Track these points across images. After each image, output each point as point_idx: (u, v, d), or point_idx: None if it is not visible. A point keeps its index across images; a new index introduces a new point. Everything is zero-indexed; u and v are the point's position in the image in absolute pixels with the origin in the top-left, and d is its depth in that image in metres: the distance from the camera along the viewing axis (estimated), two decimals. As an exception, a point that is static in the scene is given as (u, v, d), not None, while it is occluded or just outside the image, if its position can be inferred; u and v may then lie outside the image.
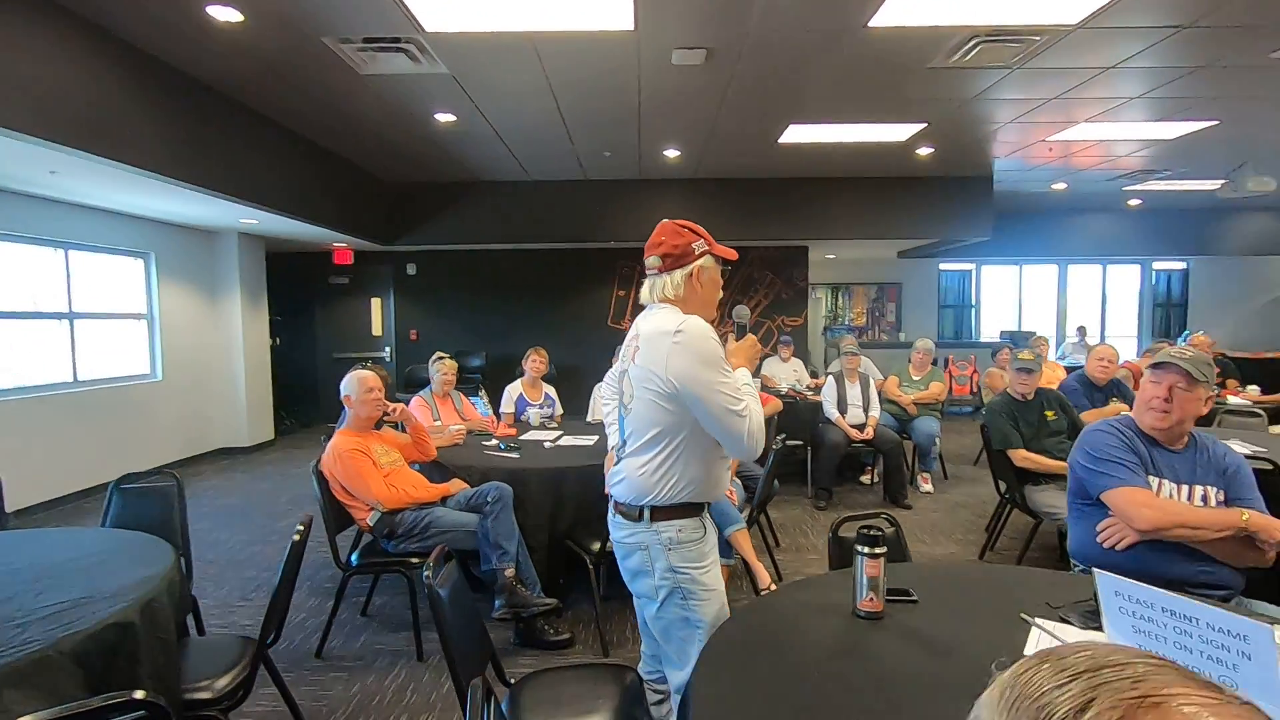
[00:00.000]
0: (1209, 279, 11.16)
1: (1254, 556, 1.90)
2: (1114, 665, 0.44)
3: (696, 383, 1.57)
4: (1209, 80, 4.49)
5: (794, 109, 5.11)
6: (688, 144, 6.06)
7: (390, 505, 2.92)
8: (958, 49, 3.97)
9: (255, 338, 7.49)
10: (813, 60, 4.13)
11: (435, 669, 2.83)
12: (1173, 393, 1.97)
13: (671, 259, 1.72)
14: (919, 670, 1.35)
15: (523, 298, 9.09)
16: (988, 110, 5.15)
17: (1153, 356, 5.43)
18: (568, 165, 6.84)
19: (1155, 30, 3.73)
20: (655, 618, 1.66)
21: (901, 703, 1.23)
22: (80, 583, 1.85)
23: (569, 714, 1.75)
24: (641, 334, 1.68)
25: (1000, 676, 0.49)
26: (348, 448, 2.94)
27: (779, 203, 7.61)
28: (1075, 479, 2.17)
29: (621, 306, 9.17)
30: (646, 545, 1.65)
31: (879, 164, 6.84)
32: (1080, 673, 0.44)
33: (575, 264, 8.98)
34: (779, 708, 1.22)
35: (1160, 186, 8.03)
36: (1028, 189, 8.32)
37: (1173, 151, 6.39)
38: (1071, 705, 0.42)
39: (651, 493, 1.63)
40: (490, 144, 5.99)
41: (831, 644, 1.47)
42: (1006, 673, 0.48)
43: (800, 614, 1.60)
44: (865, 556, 1.56)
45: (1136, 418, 2.08)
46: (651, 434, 1.63)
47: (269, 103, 4.93)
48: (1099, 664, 0.44)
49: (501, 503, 2.95)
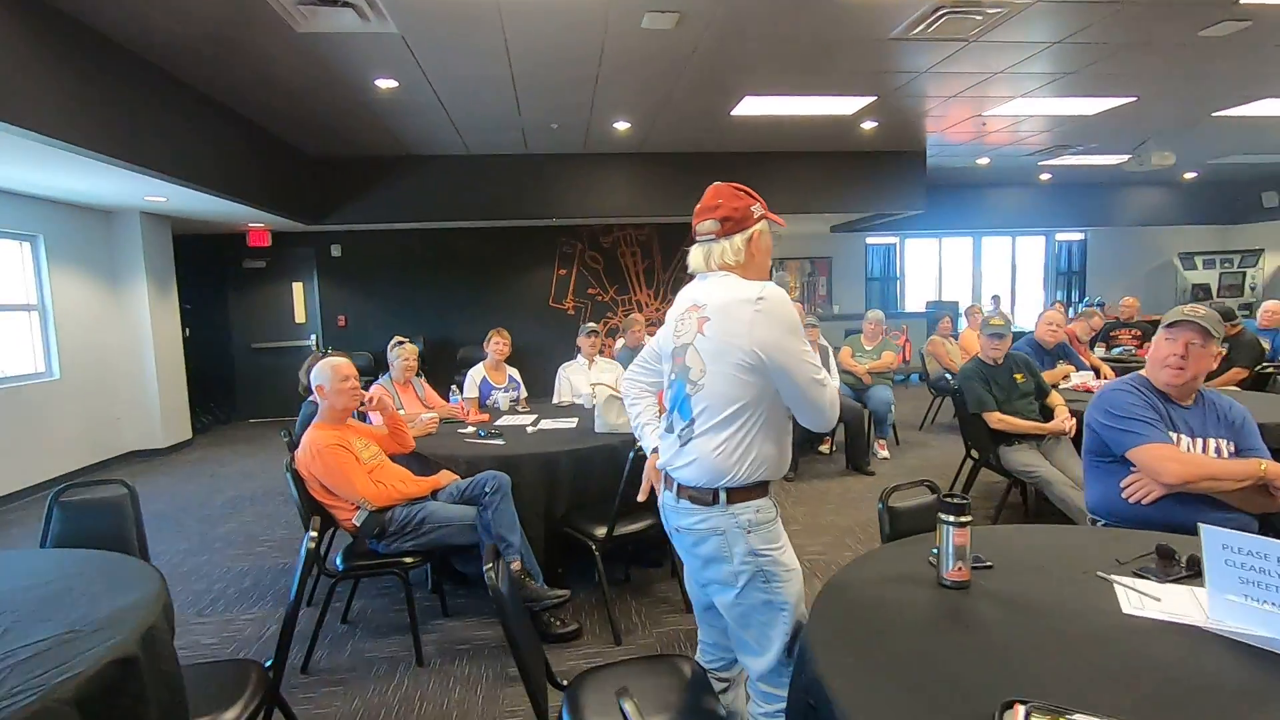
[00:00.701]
0: (1104, 248, 12.05)
1: (1265, 502, 2.01)
2: None
3: (784, 352, 1.48)
4: (1136, 57, 4.74)
5: (752, 79, 5.05)
6: (640, 116, 5.90)
7: (379, 503, 2.69)
8: (924, 19, 4.00)
9: (166, 329, 6.82)
10: (782, 26, 4.07)
11: (439, 673, 2.65)
12: (1188, 349, 2.05)
13: (732, 223, 1.61)
14: (1033, 636, 1.32)
15: (459, 279, 8.71)
16: (937, 84, 5.27)
17: (1087, 320, 5.61)
18: (511, 138, 6.54)
19: (1103, 6, 3.88)
20: (733, 604, 1.57)
21: (1026, 670, 1.19)
22: (54, 615, 1.57)
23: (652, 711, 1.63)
24: (711, 304, 1.56)
25: None
26: (327, 443, 2.67)
27: (724, 178, 7.49)
28: (1095, 437, 2.23)
29: (563, 286, 8.96)
30: (723, 530, 1.55)
31: (823, 138, 6.91)
32: None
33: (514, 242, 8.67)
34: (918, 687, 1.16)
35: (1071, 161, 8.54)
36: (953, 164, 8.67)
37: (1090, 126, 6.77)
38: None
39: (729, 473, 1.53)
40: (431, 114, 5.63)
41: (933, 616, 1.43)
42: None
43: (884, 589, 1.54)
44: (953, 526, 1.52)
45: (1151, 376, 2.15)
46: (730, 410, 1.52)
47: (183, 62, 4.41)
48: None
49: (501, 492, 2.78)
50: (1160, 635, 1.31)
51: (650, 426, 1.82)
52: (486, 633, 2.95)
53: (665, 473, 1.67)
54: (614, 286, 9.07)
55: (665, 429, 1.69)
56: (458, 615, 3.11)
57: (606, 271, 9.03)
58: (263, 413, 8.60)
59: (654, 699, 1.68)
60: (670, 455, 1.64)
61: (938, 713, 1.09)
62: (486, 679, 2.60)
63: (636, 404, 1.88)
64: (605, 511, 3.07)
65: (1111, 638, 1.31)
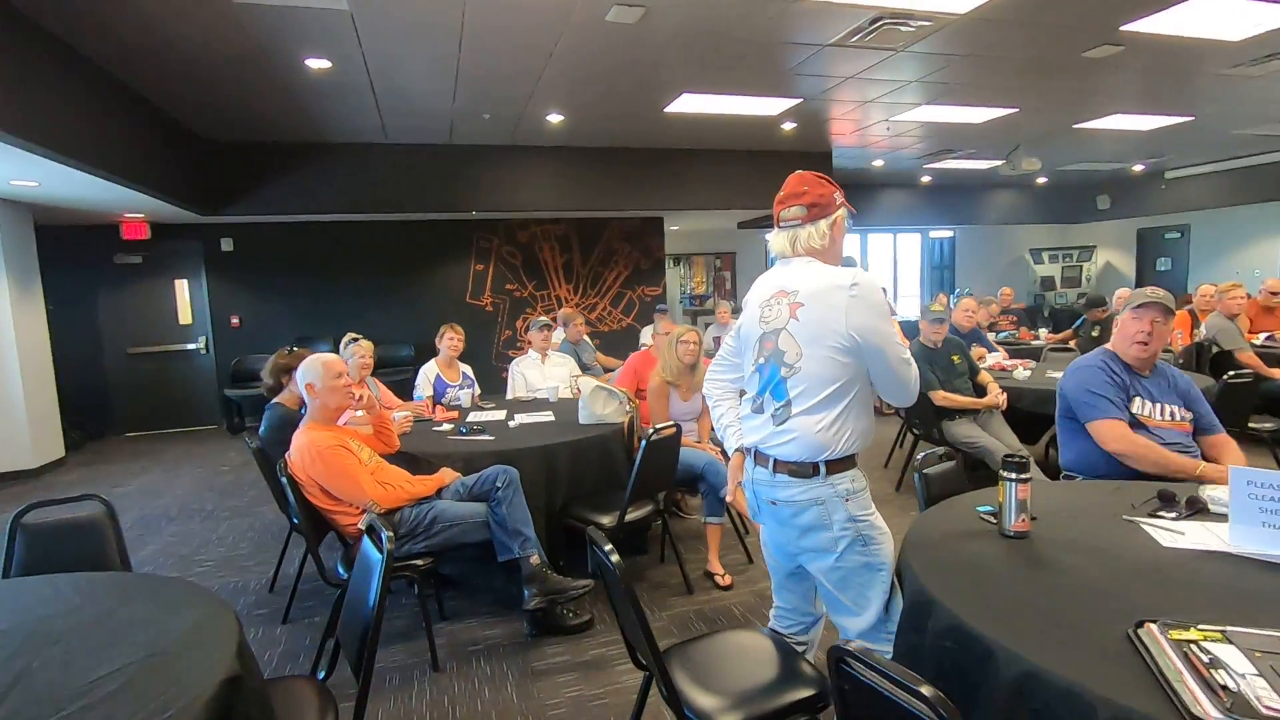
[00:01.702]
0: (970, 244, 13.36)
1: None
2: None
3: (877, 334, 1.60)
4: (1027, 72, 5.34)
5: (695, 77, 5.19)
6: (575, 108, 5.89)
7: (387, 504, 2.56)
8: (863, 29, 4.30)
9: (30, 334, 5.98)
10: (734, 26, 4.22)
11: (460, 676, 2.57)
12: (1154, 326, 2.39)
13: (818, 209, 1.71)
14: (1108, 570, 1.52)
15: (369, 276, 8.25)
16: (858, 89, 5.65)
17: (987, 308, 6.24)
18: (437, 127, 6.30)
19: (1009, 25, 4.34)
20: (833, 568, 1.67)
21: (1127, 596, 1.38)
22: (114, 640, 1.40)
23: (738, 681, 1.69)
24: (804, 290, 1.65)
25: None
26: (328, 444, 2.51)
27: (646, 173, 7.69)
28: (1066, 404, 2.54)
29: (480, 281, 8.72)
30: (823, 500, 1.64)
31: (745, 137, 7.19)
32: None
33: (429, 237, 8.34)
34: (1046, 617, 1.31)
35: (951, 165, 9.41)
36: (852, 166, 9.29)
37: (974, 133, 7.51)
38: None
39: (828, 448, 1.63)
40: (357, 98, 5.32)
41: (1016, 561, 1.60)
42: None
43: (958, 545, 1.70)
44: (1015, 482, 1.70)
45: (1120, 351, 2.48)
46: (829, 391, 1.62)
47: (74, 25, 3.90)
48: None
49: (512, 486, 2.72)
50: (1203, 561, 1.56)
51: (734, 429, 1.87)
52: (494, 631, 2.89)
53: (756, 450, 1.74)
54: (533, 282, 8.95)
55: (753, 410, 1.76)
56: (456, 618, 3.02)
57: (525, 267, 8.89)
58: (144, 425, 7.73)
59: (748, 669, 1.75)
60: (765, 435, 1.71)
61: (1080, 635, 1.24)
62: (512, 676, 2.55)
63: (720, 404, 1.93)
64: (605, 501, 3.10)
65: (1168, 565, 1.54)
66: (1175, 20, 4.25)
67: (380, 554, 1.66)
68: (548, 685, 2.48)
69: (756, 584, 3.25)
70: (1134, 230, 12.41)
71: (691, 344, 3.51)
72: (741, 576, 3.32)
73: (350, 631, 1.73)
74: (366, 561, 1.76)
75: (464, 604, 3.16)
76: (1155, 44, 4.64)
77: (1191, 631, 1.17)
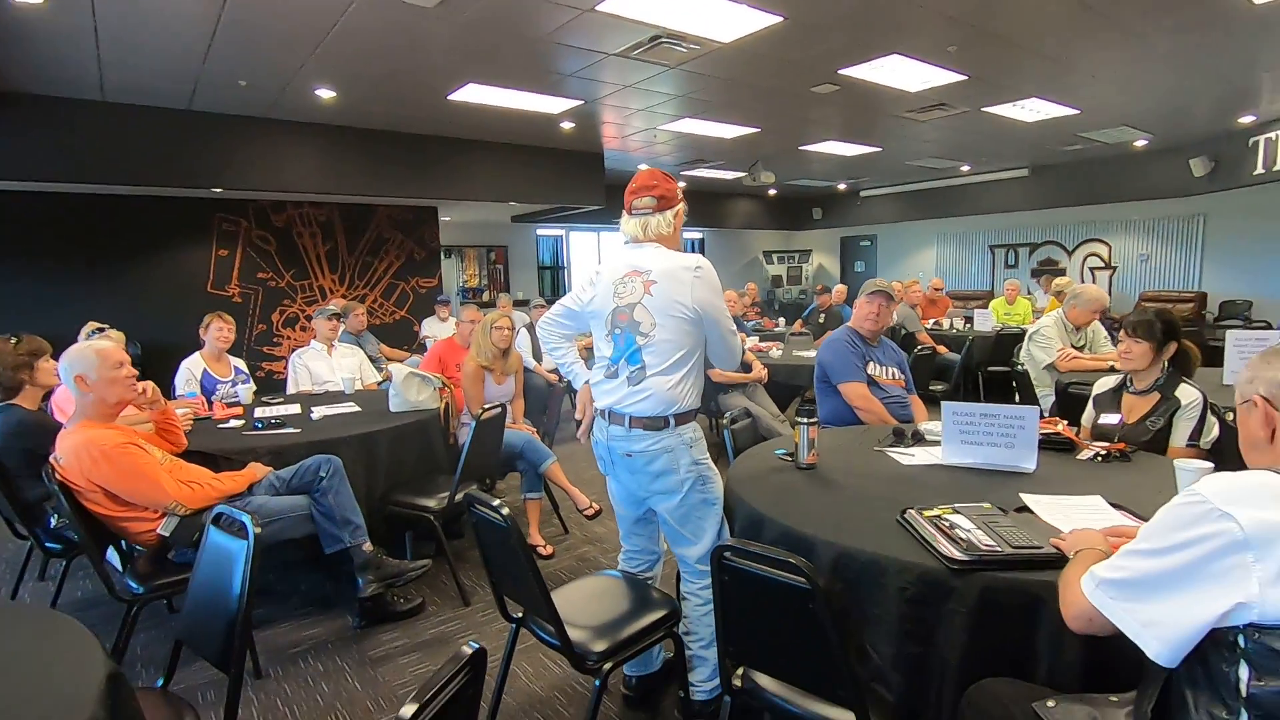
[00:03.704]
0: (718, 245, 15.01)
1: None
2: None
3: (715, 309, 1.94)
4: (768, 99, 6.29)
5: (483, 68, 5.23)
6: (352, 85, 5.54)
7: (194, 505, 2.32)
8: (644, 44, 4.74)
9: None
10: (529, 26, 4.39)
11: (289, 678, 2.44)
12: (879, 308, 3.11)
13: (665, 200, 2.01)
14: (876, 481, 2.05)
15: (83, 259, 6.83)
16: (637, 98, 6.15)
17: (741, 300, 7.31)
18: (174, 89, 5.47)
19: (758, 57, 5.12)
20: (678, 506, 1.97)
21: (891, 495, 1.89)
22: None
23: (603, 614, 1.92)
24: (656, 270, 1.93)
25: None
26: (114, 443, 2.20)
27: (422, 160, 7.46)
28: (823, 370, 3.19)
29: (225, 269, 7.71)
30: (672, 448, 1.94)
31: (523, 131, 7.34)
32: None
33: (158, 217, 7.15)
34: (834, 510, 1.76)
35: (704, 173, 10.54)
36: (620, 169, 9.93)
37: (723, 147, 8.54)
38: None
39: (677, 402, 1.93)
40: (72, 43, 4.43)
41: (809, 483, 2.07)
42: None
43: (766, 477, 2.14)
44: (807, 425, 2.18)
45: (857, 327, 3.19)
46: (679, 354, 1.92)
47: None
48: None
49: (338, 475, 2.63)
50: (930, 470, 2.16)
51: (579, 364, 2.17)
52: (315, 630, 2.76)
53: (611, 411, 1.98)
54: (291, 270, 8.14)
55: (607, 376, 2.00)
56: (265, 625, 2.80)
57: (280, 254, 8.05)
58: None
59: (608, 601, 2.00)
60: (620, 395, 1.95)
61: (867, 524, 1.70)
62: (349, 667, 2.49)
63: (559, 347, 2.19)
64: (427, 486, 3.12)
65: (910, 475, 2.12)
66: (875, 70, 5.38)
67: (244, 539, 1.60)
68: (391, 668, 2.47)
69: (576, 550, 3.50)
70: (839, 238, 15.00)
71: (505, 329, 3.64)
72: (561, 545, 3.55)
73: (208, 629, 1.62)
74: (219, 553, 1.67)
75: (269, 610, 2.93)
76: (861, 87, 5.80)
77: (935, 510, 1.68)
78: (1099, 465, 2.19)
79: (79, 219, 6.77)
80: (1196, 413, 2.39)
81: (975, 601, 1.40)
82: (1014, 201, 11.16)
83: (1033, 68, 5.45)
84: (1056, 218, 11.16)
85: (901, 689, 1.49)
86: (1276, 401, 1.10)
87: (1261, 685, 0.93)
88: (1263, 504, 0.96)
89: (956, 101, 6.37)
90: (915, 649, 1.47)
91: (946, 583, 1.43)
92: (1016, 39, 4.79)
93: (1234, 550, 0.95)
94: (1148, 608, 1.03)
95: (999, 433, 2.15)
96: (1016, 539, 1.49)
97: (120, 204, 6.90)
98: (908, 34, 4.68)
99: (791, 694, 1.54)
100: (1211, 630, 0.97)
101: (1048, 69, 5.49)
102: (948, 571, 1.43)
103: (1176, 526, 1.01)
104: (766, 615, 1.47)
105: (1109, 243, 10.78)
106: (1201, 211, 9.63)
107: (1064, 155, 9.54)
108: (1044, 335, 4.28)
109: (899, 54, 5.02)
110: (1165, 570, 1.01)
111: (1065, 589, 1.21)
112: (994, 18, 4.40)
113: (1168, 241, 10.10)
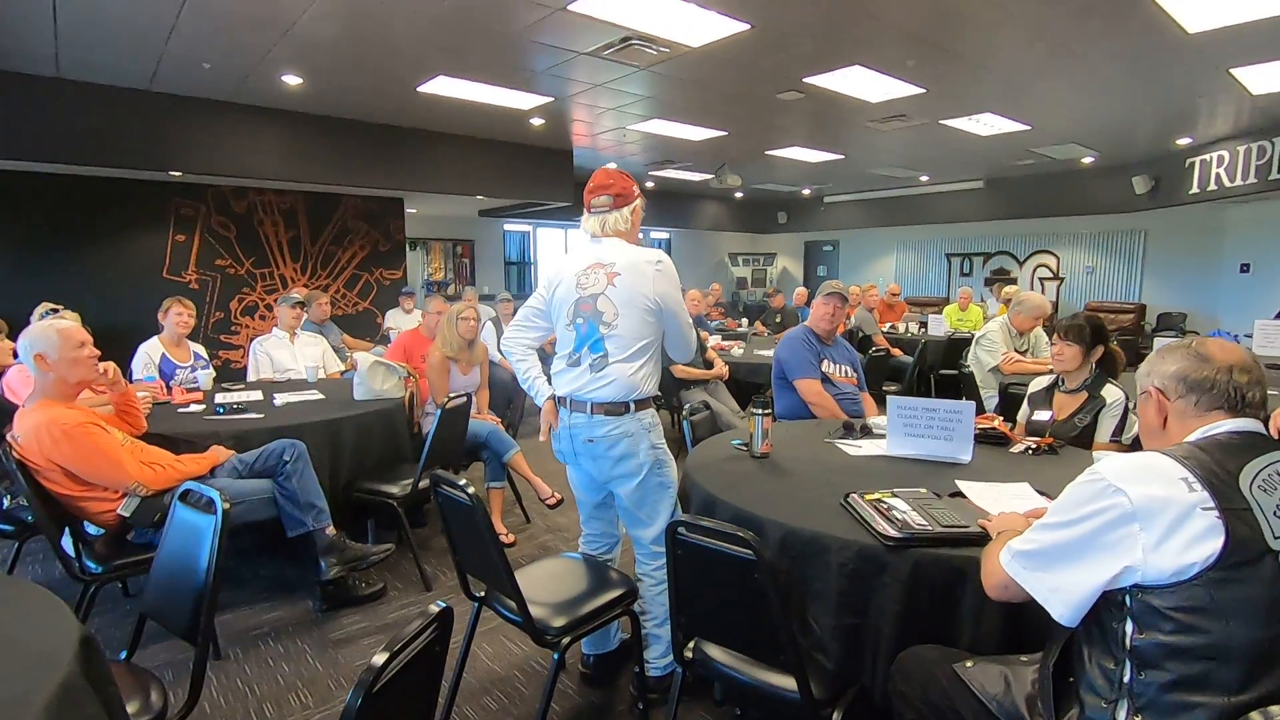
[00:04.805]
0: (684, 246, 15.16)
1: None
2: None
3: (674, 301, 2.04)
4: (734, 103, 6.43)
5: (453, 62, 5.25)
6: (320, 73, 5.50)
7: (156, 486, 2.33)
8: (615, 45, 4.83)
9: None
10: (501, 21, 4.43)
11: (250, 660, 2.46)
12: (834, 309, 3.26)
13: (622, 198, 2.09)
14: (825, 470, 2.17)
15: (36, 240, 6.61)
16: (608, 97, 6.23)
17: (710, 298, 7.51)
18: (134, 69, 5.35)
19: (725, 63, 5.25)
20: (636, 489, 2.06)
21: (836, 482, 2.01)
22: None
23: (564, 592, 2.01)
24: (619, 263, 2.01)
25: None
26: (75, 422, 2.20)
27: (398, 151, 7.42)
28: (780, 368, 3.32)
29: (183, 255, 7.54)
30: (632, 432, 2.03)
31: (492, 126, 7.35)
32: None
33: (113, 199, 6.96)
34: (783, 496, 1.87)
35: (673, 174, 10.66)
36: (591, 167, 9.99)
37: (691, 149, 8.67)
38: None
39: (637, 389, 2.02)
40: (27, 15, 4.33)
41: (763, 471, 2.18)
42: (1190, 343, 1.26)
43: (722, 465, 2.24)
44: (762, 416, 2.29)
45: (813, 326, 3.32)
46: (641, 344, 2.01)
47: None
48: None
49: (302, 459, 2.65)
50: (875, 460, 2.30)
51: (541, 380, 2.17)
52: (276, 614, 2.78)
53: (572, 399, 2.06)
54: (251, 258, 7.99)
55: (569, 365, 2.07)
56: (225, 608, 2.80)
57: (240, 241, 7.90)
58: None
59: (568, 581, 2.08)
60: (583, 383, 2.03)
61: (813, 507, 1.82)
62: (310, 649, 2.52)
63: (524, 361, 2.20)
64: (392, 474, 3.16)
65: (856, 464, 2.25)
66: (839, 80, 5.55)
67: (212, 514, 1.63)
68: (353, 650, 2.51)
69: (538, 539, 3.57)
70: (802, 242, 15.30)
71: (471, 320, 3.68)
72: (523, 534, 3.61)
73: (175, 604, 1.66)
74: (186, 528, 1.70)
75: (230, 594, 2.93)
76: (825, 95, 5.97)
77: (876, 494, 1.80)
78: (1029, 458, 2.35)
79: (31, 199, 6.57)
80: (1119, 410, 2.58)
81: (907, 575, 1.53)
82: (969, 212, 11.55)
83: (987, 84, 5.69)
84: (1009, 229, 11.60)
85: (839, 656, 1.60)
86: (1168, 392, 1.25)
87: (1142, 638, 1.06)
88: (1147, 481, 1.09)
89: (915, 113, 6.60)
90: (852, 620, 1.59)
91: (882, 558, 1.55)
92: (971, 56, 5.01)
93: (1124, 521, 1.08)
94: (1054, 575, 1.16)
95: (939, 426, 2.29)
96: (946, 519, 1.62)
97: (75, 184, 6.71)
98: (869, 47, 4.85)
99: (739, 662, 1.64)
100: (1105, 592, 1.10)
101: (1000, 86, 5.74)
102: (883, 548, 1.55)
103: (1079, 502, 1.14)
104: (716, 587, 1.57)
105: (1057, 254, 11.25)
106: (1143, 227, 10.13)
107: (1016, 169, 9.93)
108: (990, 339, 4.49)
109: (860, 65, 5.20)
110: (1068, 540, 1.14)
111: (986, 562, 1.33)
112: (950, 36, 4.61)
113: (1112, 255, 10.59)
